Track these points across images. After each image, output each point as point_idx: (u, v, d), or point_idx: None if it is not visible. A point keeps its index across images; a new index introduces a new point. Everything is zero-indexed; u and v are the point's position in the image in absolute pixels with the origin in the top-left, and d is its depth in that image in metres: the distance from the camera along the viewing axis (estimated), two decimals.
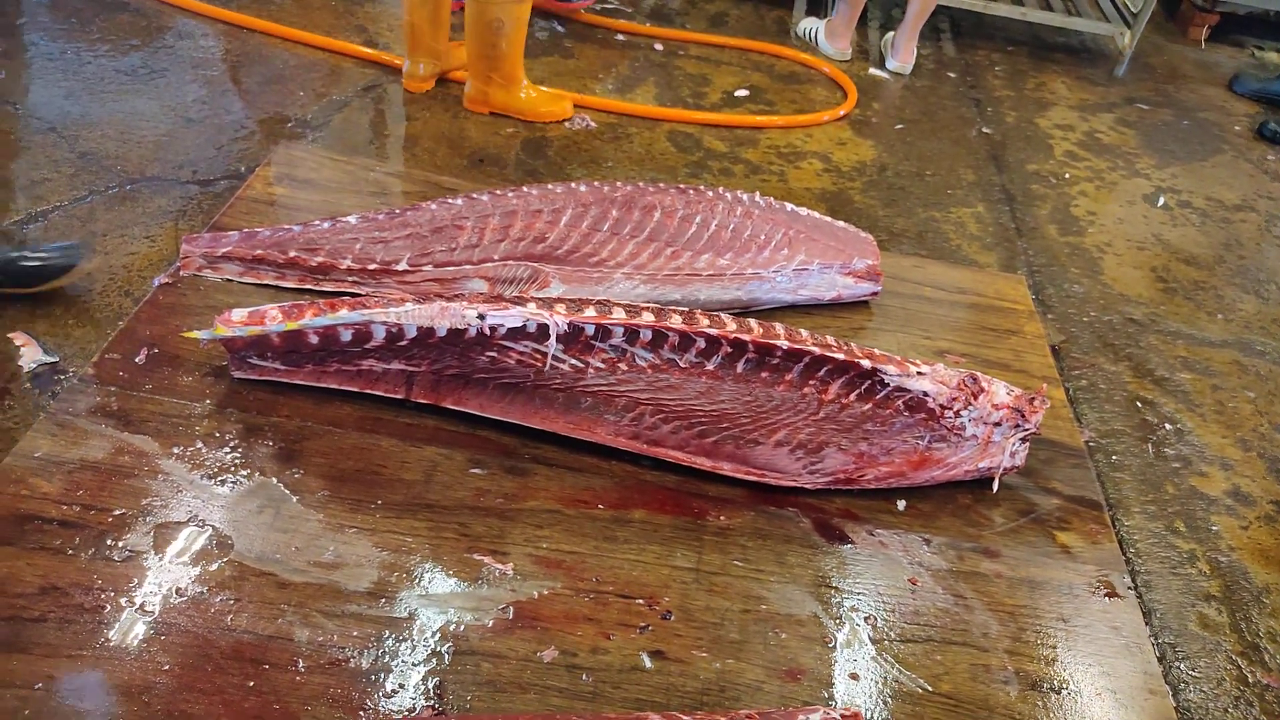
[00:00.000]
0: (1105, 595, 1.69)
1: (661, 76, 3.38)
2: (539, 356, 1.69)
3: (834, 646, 1.54)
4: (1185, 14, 4.46)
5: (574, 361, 1.69)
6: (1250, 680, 1.67)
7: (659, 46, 3.57)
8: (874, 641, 1.56)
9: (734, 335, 1.65)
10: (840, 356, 1.67)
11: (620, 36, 3.59)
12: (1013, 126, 3.43)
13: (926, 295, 2.37)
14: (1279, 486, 2.07)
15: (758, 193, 2.24)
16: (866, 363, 1.67)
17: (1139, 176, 3.25)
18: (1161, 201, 3.11)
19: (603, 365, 1.68)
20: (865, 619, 1.59)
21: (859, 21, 4.08)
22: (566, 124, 2.94)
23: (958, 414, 1.71)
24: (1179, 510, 1.98)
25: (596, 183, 2.17)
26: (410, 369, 1.75)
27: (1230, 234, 3.00)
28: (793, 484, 1.76)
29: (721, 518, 1.71)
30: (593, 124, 2.98)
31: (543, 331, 1.65)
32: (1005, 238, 2.79)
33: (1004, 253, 2.71)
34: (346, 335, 1.72)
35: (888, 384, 1.69)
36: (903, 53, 3.66)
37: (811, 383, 1.70)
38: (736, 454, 1.74)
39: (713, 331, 1.65)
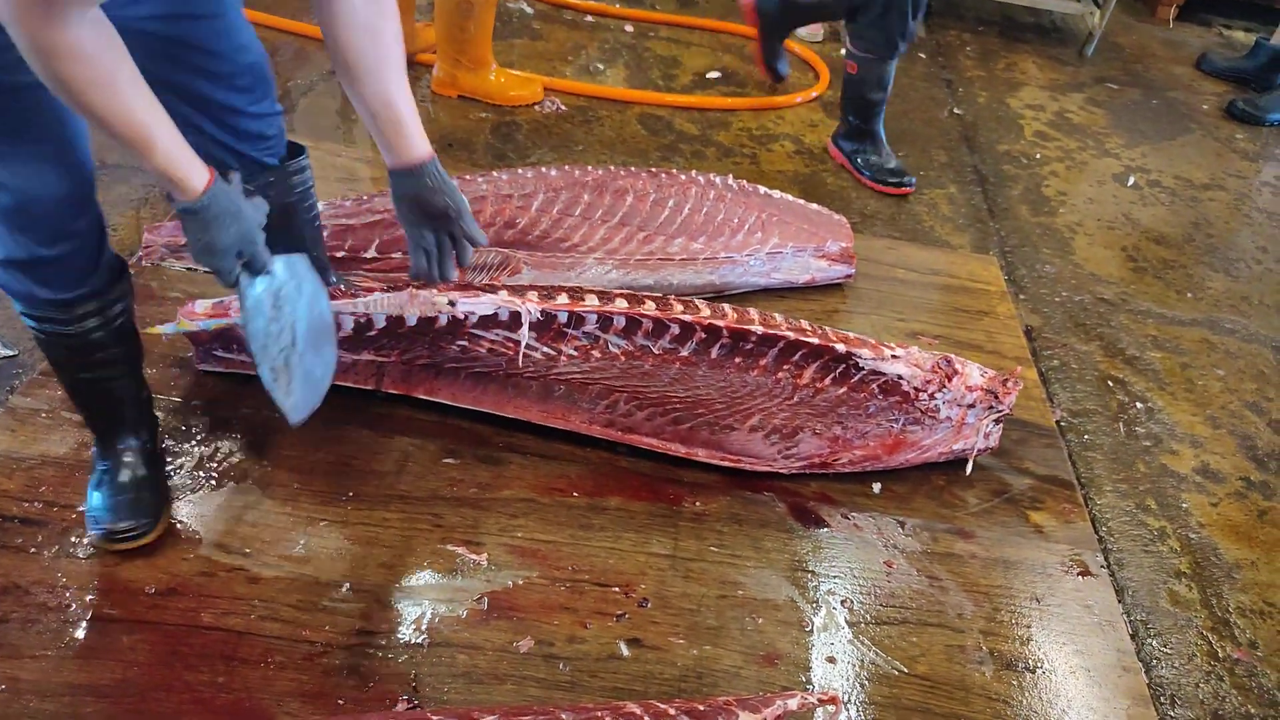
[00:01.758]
0: (1078, 574, 1.71)
1: (632, 58, 3.35)
2: (511, 345, 1.67)
3: (811, 630, 1.54)
4: None
5: (546, 349, 1.67)
6: (1220, 655, 1.68)
7: (629, 28, 3.54)
8: (850, 625, 1.56)
9: (708, 321, 1.64)
10: (815, 341, 1.66)
11: (589, 18, 3.56)
12: (984, 107, 3.44)
13: (899, 277, 2.37)
14: (1248, 463, 2.09)
15: (730, 176, 2.23)
16: (841, 347, 1.67)
17: (1109, 156, 3.27)
18: (1131, 181, 3.13)
19: (575, 353, 1.67)
20: (842, 602, 1.59)
21: None
22: (536, 107, 2.91)
23: (932, 396, 1.71)
24: (1150, 488, 2.00)
25: (567, 167, 2.15)
26: (380, 359, 1.73)
27: (1199, 213, 3.02)
28: (768, 469, 1.76)
29: (697, 504, 1.71)
30: (563, 107, 2.95)
31: (515, 319, 1.63)
32: (978, 219, 2.79)
33: (976, 234, 2.72)
34: None
35: (862, 368, 1.68)
36: None
37: (786, 368, 1.69)
38: (711, 440, 1.74)
39: (686, 317, 1.64)
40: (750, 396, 1.70)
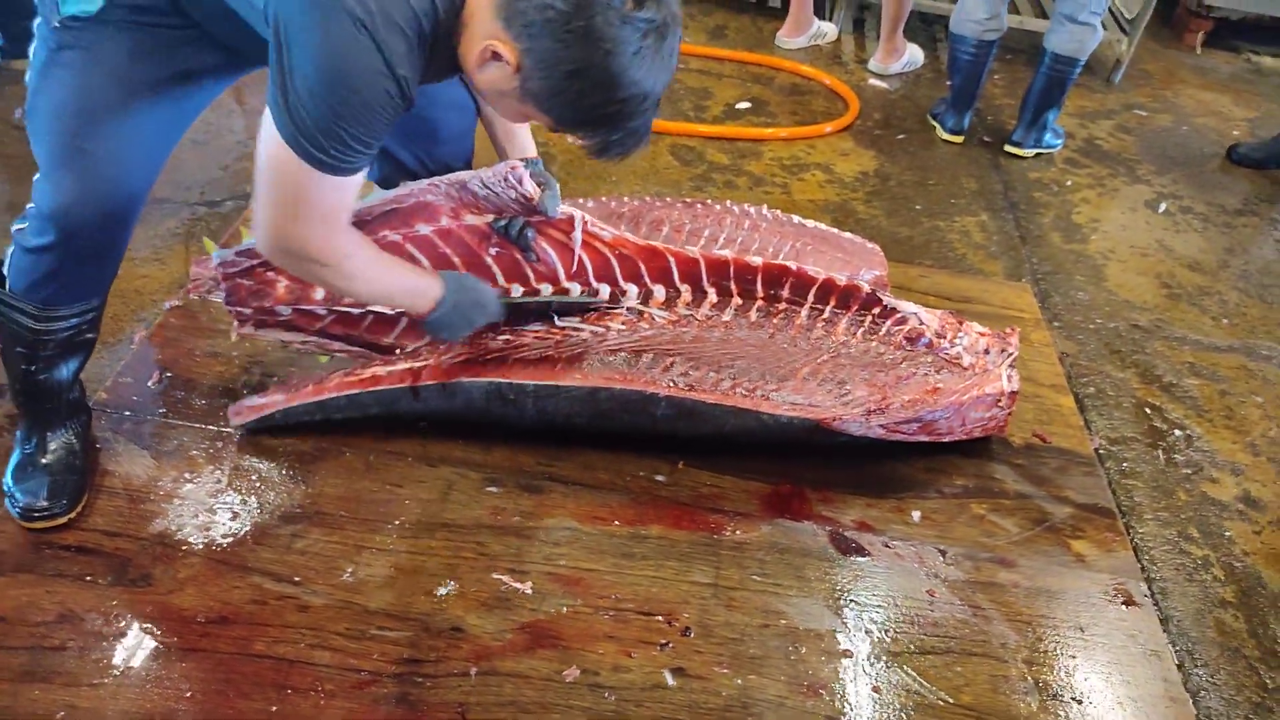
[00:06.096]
0: (1122, 603, 1.69)
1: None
2: (557, 330, 1.78)
3: (854, 660, 1.54)
4: (1180, 19, 4.47)
5: (594, 329, 1.77)
6: (1270, 686, 1.66)
7: None
8: (894, 654, 1.55)
9: (743, 269, 1.85)
10: (842, 281, 1.88)
11: None
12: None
13: (933, 305, 2.37)
14: None
15: (764, 206, 2.25)
16: (867, 287, 1.88)
17: (1140, 183, 3.26)
18: (1163, 207, 3.12)
19: (624, 326, 1.78)
20: (885, 632, 1.59)
21: (858, 29, 4.10)
22: (570, 139, 2.96)
23: (952, 342, 1.87)
24: (1191, 516, 1.98)
25: (603, 198, 2.17)
26: (417, 365, 1.77)
27: (1233, 238, 3.01)
28: (833, 416, 1.74)
29: (738, 532, 1.71)
30: None
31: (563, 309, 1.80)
32: (1010, 246, 2.79)
33: (1009, 261, 2.72)
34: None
35: (886, 306, 1.87)
36: (880, 54, 3.73)
37: (820, 323, 1.86)
38: (774, 391, 1.80)
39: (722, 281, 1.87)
40: (795, 349, 1.83)
